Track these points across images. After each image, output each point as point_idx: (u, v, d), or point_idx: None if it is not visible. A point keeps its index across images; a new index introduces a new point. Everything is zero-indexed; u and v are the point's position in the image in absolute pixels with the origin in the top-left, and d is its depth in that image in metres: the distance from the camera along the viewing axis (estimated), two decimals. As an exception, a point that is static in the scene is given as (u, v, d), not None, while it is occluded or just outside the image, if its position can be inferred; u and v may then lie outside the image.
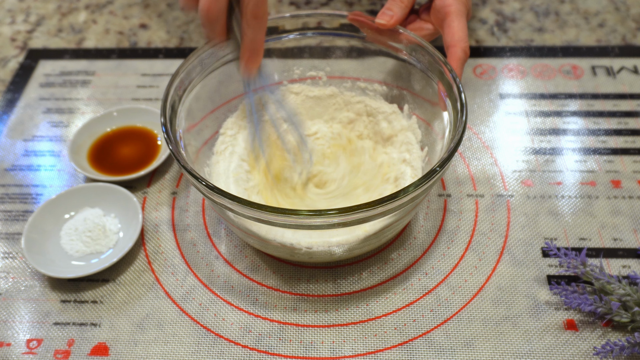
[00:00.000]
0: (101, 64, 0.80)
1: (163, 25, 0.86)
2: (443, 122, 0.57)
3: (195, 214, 0.63)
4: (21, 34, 0.85)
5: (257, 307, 0.56)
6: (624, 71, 0.76)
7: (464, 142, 0.68)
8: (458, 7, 0.60)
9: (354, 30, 0.62)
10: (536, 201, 0.63)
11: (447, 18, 0.60)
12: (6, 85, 0.77)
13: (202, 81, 0.59)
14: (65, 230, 0.60)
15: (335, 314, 0.55)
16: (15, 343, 0.54)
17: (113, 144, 0.68)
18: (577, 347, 0.52)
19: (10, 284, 0.58)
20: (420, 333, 0.54)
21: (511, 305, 0.55)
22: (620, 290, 0.52)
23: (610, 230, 0.60)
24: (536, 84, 0.74)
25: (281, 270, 0.58)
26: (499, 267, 0.58)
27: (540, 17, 0.84)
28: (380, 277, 0.57)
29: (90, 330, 0.55)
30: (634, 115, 0.71)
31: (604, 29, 0.82)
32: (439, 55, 0.57)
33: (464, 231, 0.61)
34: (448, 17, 0.60)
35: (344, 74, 0.66)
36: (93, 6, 0.89)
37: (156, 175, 0.66)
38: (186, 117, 0.57)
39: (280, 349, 0.53)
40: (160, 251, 0.60)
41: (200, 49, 0.59)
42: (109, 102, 0.75)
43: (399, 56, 0.61)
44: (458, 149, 0.51)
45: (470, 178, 0.65)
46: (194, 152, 0.58)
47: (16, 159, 0.69)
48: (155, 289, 0.57)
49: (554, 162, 0.66)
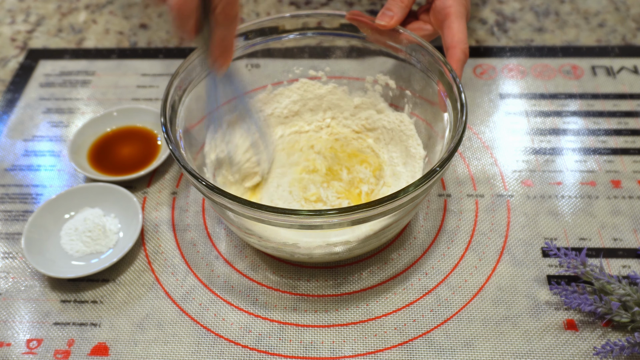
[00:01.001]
0: (101, 64, 0.80)
1: (163, 25, 0.86)
2: (443, 122, 0.57)
3: (195, 214, 0.63)
4: (21, 34, 0.85)
5: (257, 307, 0.56)
6: (624, 71, 0.76)
7: (464, 142, 0.68)
8: (458, 9, 0.60)
9: (354, 30, 0.62)
10: (536, 201, 0.63)
11: (447, 19, 0.60)
12: (6, 85, 0.77)
13: (202, 81, 0.59)
14: (65, 230, 0.60)
15: (335, 314, 0.55)
16: (15, 343, 0.54)
17: (113, 144, 0.68)
18: (577, 347, 0.52)
19: (10, 284, 0.58)
20: (420, 333, 0.54)
21: (511, 305, 0.55)
22: (620, 290, 0.52)
23: (610, 230, 0.60)
24: (536, 84, 0.74)
25: (281, 270, 0.58)
26: (499, 267, 0.58)
27: (540, 17, 0.84)
28: (380, 277, 0.57)
29: (90, 330, 0.55)
30: (634, 115, 0.71)
31: (604, 29, 0.82)
32: (439, 55, 0.57)
33: (464, 231, 0.61)
34: (448, 18, 0.60)
35: (344, 74, 0.66)
36: (93, 6, 0.89)
37: (156, 175, 0.66)
38: (186, 117, 0.57)
39: (280, 349, 0.53)
40: (160, 251, 0.60)
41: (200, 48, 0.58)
42: (109, 102, 0.75)
43: (399, 56, 0.61)
44: (458, 149, 0.51)
45: (470, 178, 0.65)
46: (194, 152, 0.58)
47: (16, 159, 0.69)
48: (155, 289, 0.57)
49: (554, 162, 0.66)
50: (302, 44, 0.64)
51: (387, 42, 0.61)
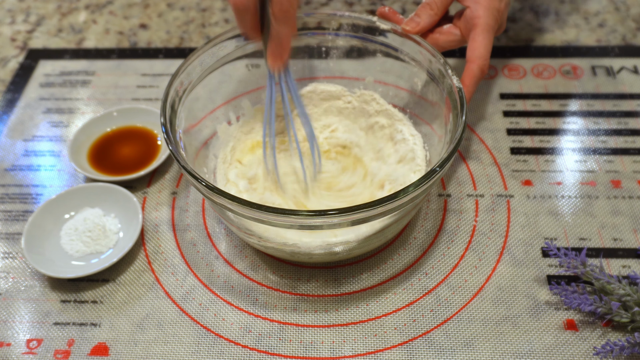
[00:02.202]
0: (101, 64, 0.80)
1: (163, 25, 0.86)
2: (443, 122, 0.57)
3: (195, 214, 0.63)
4: (21, 34, 0.85)
5: (257, 307, 0.56)
6: (624, 71, 0.76)
7: (464, 142, 0.68)
8: (487, 21, 0.58)
9: (354, 30, 0.62)
10: (536, 201, 0.63)
11: (473, 30, 0.58)
12: (6, 85, 0.77)
13: (202, 81, 0.59)
14: (65, 230, 0.60)
15: (335, 314, 0.55)
16: (15, 343, 0.54)
17: (113, 144, 0.68)
18: (577, 347, 0.52)
19: (10, 284, 0.58)
20: (420, 333, 0.54)
21: (511, 305, 0.55)
22: (620, 290, 0.52)
23: (610, 230, 0.60)
24: (536, 84, 0.74)
25: (281, 270, 0.58)
26: (499, 267, 0.58)
27: (540, 17, 0.84)
28: (380, 277, 0.57)
29: (90, 330, 0.55)
30: (634, 115, 0.71)
31: (604, 29, 0.82)
32: (439, 55, 0.57)
33: (464, 231, 0.61)
34: (475, 29, 0.58)
35: (344, 74, 0.66)
36: (93, 6, 0.89)
37: (156, 175, 0.66)
38: (186, 117, 0.57)
39: (280, 349, 0.53)
40: (160, 251, 0.60)
41: (200, 49, 0.59)
42: (109, 102, 0.75)
43: (399, 56, 0.61)
44: (458, 149, 0.51)
45: (470, 178, 0.65)
46: (193, 152, 0.58)
47: (16, 159, 0.69)
48: (155, 289, 0.57)
49: (554, 162, 0.66)
50: (302, 44, 0.64)
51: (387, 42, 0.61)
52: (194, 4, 0.89)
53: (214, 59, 0.60)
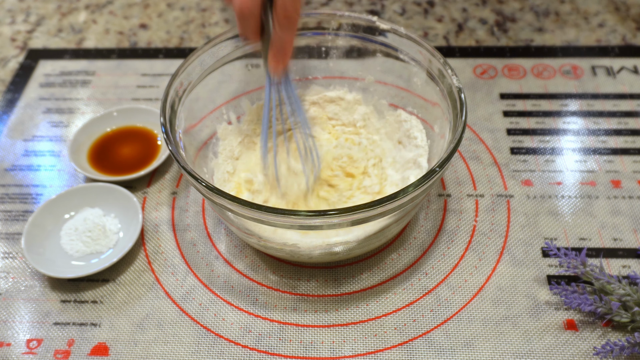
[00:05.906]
0: (101, 64, 0.80)
1: (163, 25, 0.86)
2: (443, 122, 0.57)
3: (195, 214, 0.63)
4: (21, 34, 0.85)
5: (257, 307, 0.56)
6: (624, 71, 0.76)
7: (464, 142, 0.68)
8: None
9: (354, 30, 0.62)
10: (536, 201, 0.63)
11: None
12: (6, 85, 0.77)
13: (202, 81, 0.59)
14: (65, 230, 0.60)
15: (335, 314, 0.55)
16: (15, 343, 0.54)
17: (113, 144, 0.68)
18: (577, 347, 0.52)
19: (10, 284, 0.58)
20: (420, 333, 0.54)
21: (511, 305, 0.55)
22: (620, 290, 0.52)
23: (610, 230, 0.60)
24: (536, 84, 0.74)
25: (281, 270, 0.58)
26: (499, 267, 0.58)
27: (540, 17, 0.84)
28: (380, 277, 0.57)
29: (90, 330, 0.55)
30: (634, 115, 0.71)
31: (604, 29, 0.82)
32: (439, 55, 0.57)
33: (464, 231, 0.61)
34: None
35: (344, 74, 0.66)
36: (93, 6, 0.89)
37: (156, 175, 0.66)
38: (186, 117, 0.57)
39: (280, 349, 0.53)
40: (160, 251, 0.60)
41: (200, 49, 0.59)
42: (109, 102, 0.75)
43: (398, 56, 0.61)
44: (458, 148, 0.51)
45: (470, 178, 0.65)
46: (193, 152, 0.58)
47: (16, 159, 0.69)
48: (155, 289, 0.57)
49: (554, 162, 0.66)
50: (302, 44, 0.64)
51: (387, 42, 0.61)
52: (194, 4, 0.89)
53: (213, 59, 0.60)
